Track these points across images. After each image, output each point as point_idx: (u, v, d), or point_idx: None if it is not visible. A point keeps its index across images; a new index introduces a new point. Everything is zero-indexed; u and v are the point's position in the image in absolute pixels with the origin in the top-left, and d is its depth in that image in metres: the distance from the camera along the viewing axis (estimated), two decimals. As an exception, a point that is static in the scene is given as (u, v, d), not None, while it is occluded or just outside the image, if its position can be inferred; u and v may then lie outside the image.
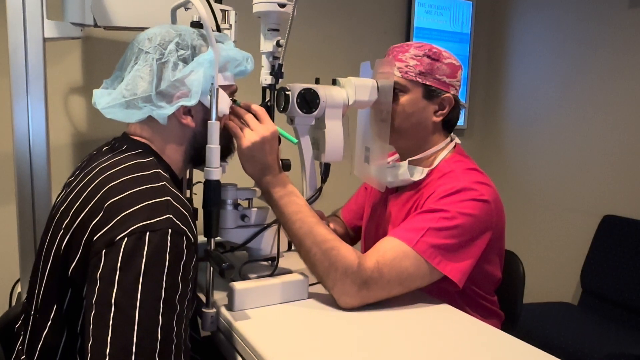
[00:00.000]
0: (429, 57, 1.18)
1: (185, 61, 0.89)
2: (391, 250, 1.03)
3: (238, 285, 1.01)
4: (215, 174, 0.93)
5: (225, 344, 0.99)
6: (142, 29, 0.96)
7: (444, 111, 1.21)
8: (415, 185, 1.22)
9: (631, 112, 2.30)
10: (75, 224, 0.78)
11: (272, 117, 1.10)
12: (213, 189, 0.93)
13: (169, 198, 0.78)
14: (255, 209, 1.14)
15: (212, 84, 0.89)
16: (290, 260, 1.16)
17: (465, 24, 2.76)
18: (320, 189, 1.16)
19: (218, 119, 0.92)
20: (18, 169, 1.22)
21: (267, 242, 1.14)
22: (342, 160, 1.17)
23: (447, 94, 1.20)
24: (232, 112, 1.01)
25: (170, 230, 0.73)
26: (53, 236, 0.82)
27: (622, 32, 2.32)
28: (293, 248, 1.09)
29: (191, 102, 0.88)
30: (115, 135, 0.97)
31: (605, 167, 2.39)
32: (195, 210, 1.14)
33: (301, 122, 1.13)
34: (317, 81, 1.15)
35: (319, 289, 1.07)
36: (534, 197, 2.72)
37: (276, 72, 1.10)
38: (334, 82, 1.19)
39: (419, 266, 1.03)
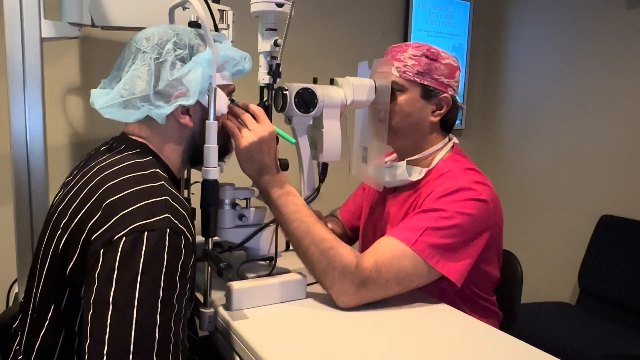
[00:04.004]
0: (427, 57, 1.18)
1: (183, 61, 0.89)
2: (389, 250, 1.03)
3: (236, 285, 1.01)
4: (213, 173, 0.93)
5: (223, 344, 0.99)
6: (140, 28, 0.96)
7: (442, 111, 1.21)
8: (414, 185, 1.22)
9: (629, 112, 2.30)
10: (73, 224, 0.77)
11: (269, 116, 1.10)
12: (211, 188, 0.93)
13: (167, 197, 0.78)
14: (253, 208, 1.14)
15: (210, 83, 0.89)
16: (288, 259, 1.16)
17: (463, 24, 2.76)
18: (318, 189, 1.16)
19: (216, 118, 0.92)
20: (15, 169, 1.21)
21: (265, 242, 1.14)
22: (340, 160, 1.17)
23: (445, 94, 1.20)
24: (230, 111, 1.01)
25: (168, 229, 0.73)
26: (51, 236, 0.81)
27: (620, 32, 2.33)
28: (291, 248, 1.09)
29: (189, 101, 0.88)
30: (113, 135, 0.97)
31: (603, 167, 2.40)
32: (193, 210, 1.14)
33: (299, 122, 1.13)
34: (315, 81, 1.15)
35: (317, 288, 1.06)
36: (531, 197, 2.72)
37: (274, 72, 1.10)
38: (332, 82, 1.19)
39: (417, 266, 1.03)
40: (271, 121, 1.05)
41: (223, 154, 1.03)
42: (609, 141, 2.38)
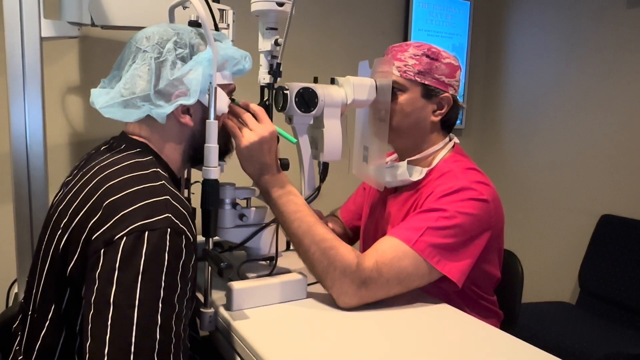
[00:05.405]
0: (428, 56, 1.18)
1: (184, 60, 0.89)
2: (390, 250, 1.03)
3: (236, 284, 1.01)
4: (214, 173, 0.93)
5: (223, 344, 0.99)
6: (140, 28, 0.96)
7: (443, 111, 1.21)
8: (414, 185, 1.22)
9: (629, 112, 2.30)
10: (73, 223, 0.77)
11: (270, 116, 1.10)
12: (211, 188, 0.93)
13: (167, 197, 0.77)
14: (254, 208, 1.14)
15: (210, 82, 0.89)
16: (289, 259, 1.16)
17: (463, 24, 2.76)
18: (318, 189, 1.15)
19: (216, 118, 0.91)
20: (15, 169, 1.21)
21: (265, 242, 1.14)
22: (340, 159, 1.16)
23: (446, 94, 1.20)
24: (231, 111, 1.01)
25: (169, 229, 0.73)
26: (51, 236, 0.81)
27: (620, 32, 2.33)
28: (291, 247, 1.08)
29: (190, 101, 0.88)
30: (113, 135, 0.97)
31: (603, 166, 2.40)
32: (194, 209, 1.13)
33: (299, 122, 1.12)
34: (315, 80, 1.14)
35: (318, 288, 1.06)
36: (532, 196, 2.72)
37: (274, 71, 1.10)
38: (333, 81, 1.18)
39: (418, 265, 1.02)
40: (272, 121, 1.05)
41: (224, 153, 1.02)
42: (609, 141, 2.38)
